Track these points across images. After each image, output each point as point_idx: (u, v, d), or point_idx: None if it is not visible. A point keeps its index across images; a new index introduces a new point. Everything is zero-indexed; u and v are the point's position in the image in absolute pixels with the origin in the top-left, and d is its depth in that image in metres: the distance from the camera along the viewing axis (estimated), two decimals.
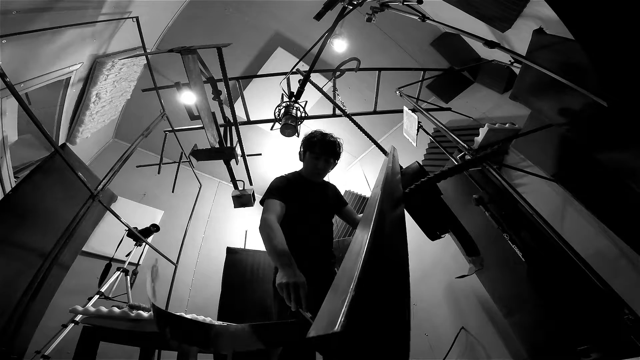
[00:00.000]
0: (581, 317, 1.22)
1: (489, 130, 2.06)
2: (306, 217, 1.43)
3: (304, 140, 1.59)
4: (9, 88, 1.25)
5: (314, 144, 1.53)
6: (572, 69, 1.25)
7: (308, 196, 1.50)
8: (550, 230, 1.26)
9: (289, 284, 0.90)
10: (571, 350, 1.21)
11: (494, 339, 1.98)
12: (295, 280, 0.91)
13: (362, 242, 0.33)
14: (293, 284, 0.90)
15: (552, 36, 1.40)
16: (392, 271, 0.35)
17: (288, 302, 0.89)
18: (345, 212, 1.62)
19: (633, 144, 1.15)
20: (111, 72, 2.40)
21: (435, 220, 0.94)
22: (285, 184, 1.46)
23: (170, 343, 1.30)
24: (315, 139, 1.54)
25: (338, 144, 1.56)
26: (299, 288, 0.89)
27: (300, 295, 0.88)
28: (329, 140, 1.53)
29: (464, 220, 1.92)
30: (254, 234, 3.94)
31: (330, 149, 1.53)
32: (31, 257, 1.46)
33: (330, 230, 1.55)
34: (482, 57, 2.77)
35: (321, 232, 1.47)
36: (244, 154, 2.14)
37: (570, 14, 0.97)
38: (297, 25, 3.05)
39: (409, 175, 0.93)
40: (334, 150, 1.54)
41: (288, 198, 1.39)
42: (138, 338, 1.32)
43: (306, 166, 1.57)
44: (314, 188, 1.55)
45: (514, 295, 1.63)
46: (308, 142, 1.56)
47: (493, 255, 1.72)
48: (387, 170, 0.66)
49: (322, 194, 1.58)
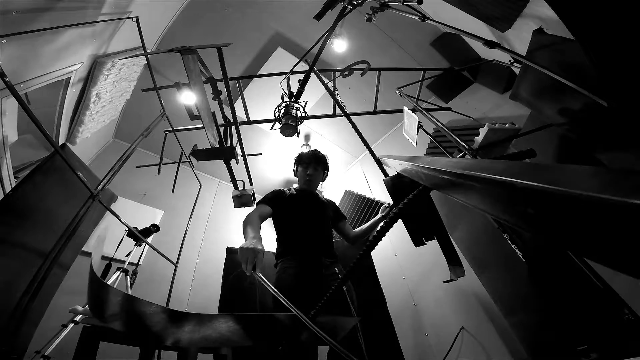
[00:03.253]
0: (581, 317, 1.22)
1: (489, 130, 2.06)
2: (298, 221, 1.61)
3: (295, 158, 1.88)
4: (9, 88, 1.24)
5: (302, 157, 1.84)
6: (572, 69, 1.24)
7: (301, 203, 1.70)
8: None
9: (248, 249, 1.04)
10: (571, 350, 1.21)
11: (494, 339, 1.98)
12: (253, 247, 1.05)
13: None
14: (252, 250, 1.04)
15: (552, 36, 1.40)
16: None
17: (244, 266, 1.01)
18: (341, 226, 1.81)
19: (633, 144, 1.15)
20: (111, 72, 2.40)
21: (423, 228, 0.94)
22: (277, 194, 1.70)
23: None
24: (303, 154, 1.86)
25: (323, 155, 1.86)
26: (255, 253, 1.03)
27: (255, 260, 1.02)
28: (314, 151, 1.85)
29: (464, 220, 1.94)
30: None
31: (316, 158, 1.82)
32: (31, 257, 1.46)
33: (325, 233, 1.65)
34: (482, 57, 2.77)
35: (314, 235, 1.58)
36: (244, 154, 2.14)
37: (570, 14, 0.97)
38: (297, 25, 3.05)
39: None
40: (320, 158, 1.83)
41: (278, 204, 1.61)
42: (138, 338, 1.32)
43: (299, 177, 1.84)
44: (308, 197, 1.76)
45: (514, 295, 1.63)
46: (298, 158, 1.87)
47: (493, 255, 1.72)
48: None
49: (316, 202, 1.76)
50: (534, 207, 0.21)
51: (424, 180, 0.49)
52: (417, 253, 2.64)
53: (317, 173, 1.80)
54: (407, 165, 0.59)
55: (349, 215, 3.55)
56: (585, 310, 1.20)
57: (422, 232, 0.93)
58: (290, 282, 1.39)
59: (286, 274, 1.44)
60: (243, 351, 1.71)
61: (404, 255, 2.91)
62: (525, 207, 0.22)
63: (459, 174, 0.32)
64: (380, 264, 2.38)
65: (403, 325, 2.46)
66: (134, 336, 0.98)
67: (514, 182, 0.22)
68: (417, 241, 0.94)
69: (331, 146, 4.26)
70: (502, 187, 0.23)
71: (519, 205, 0.22)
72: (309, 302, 0.90)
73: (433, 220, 0.94)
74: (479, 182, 0.27)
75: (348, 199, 3.81)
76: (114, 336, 1.31)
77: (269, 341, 0.91)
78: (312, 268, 1.47)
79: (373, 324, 1.90)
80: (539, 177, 0.21)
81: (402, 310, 2.62)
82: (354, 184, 4.05)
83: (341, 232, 1.81)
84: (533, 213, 0.22)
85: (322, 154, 1.86)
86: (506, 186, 0.23)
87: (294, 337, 0.87)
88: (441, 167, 0.38)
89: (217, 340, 0.75)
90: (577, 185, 0.18)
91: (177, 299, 2.73)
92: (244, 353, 1.72)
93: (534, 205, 0.21)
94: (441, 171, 0.38)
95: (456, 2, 1.96)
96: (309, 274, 1.44)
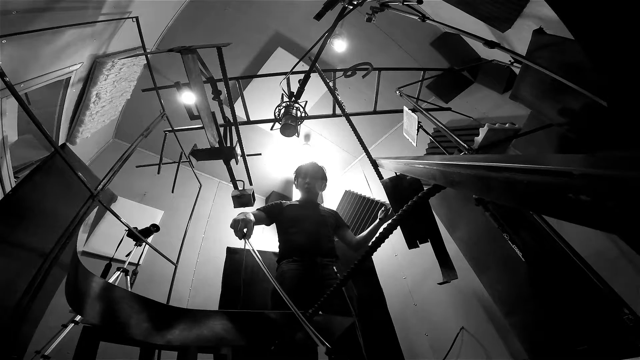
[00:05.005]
0: (581, 317, 1.22)
1: (489, 130, 2.06)
2: (295, 224, 1.68)
3: (295, 172, 2.02)
4: (9, 88, 1.24)
5: (301, 168, 1.98)
6: (572, 69, 1.24)
7: (300, 208, 1.80)
8: (550, 230, 1.26)
9: (242, 219, 1.16)
10: (571, 350, 1.21)
11: (494, 339, 1.98)
12: (244, 218, 1.18)
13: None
14: (243, 220, 1.16)
15: (552, 36, 1.40)
16: None
17: (237, 234, 1.13)
18: (343, 233, 1.85)
19: (633, 144, 1.15)
20: (111, 72, 2.40)
21: (419, 231, 0.95)
22: (276, 204, 1.83)
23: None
24: (302, 166, 2.00)
25: (321, 167, 1.99)
26: (246, 222, 1.16)
27: (246, 228, 1.14)
28: (312, 163, 2.00)
29: (464, 220, 1.93)
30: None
31: (312, 167, 1.96)
32: (31, 257, 1.46)
33: (322, 234, 1.69)
34: (482, 57, 2.77)
35: (310, 236, 1.64)
36: (244, 154, 2.14)
37: (570, 14, 0.97)
38: (297, 25, 3.05)
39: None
40: (317, 167, 1.97)
41: (274, 213, 1.76)
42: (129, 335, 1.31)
43: (300, 188, 1.95)
44: (308, 204, 1.86)
45: (514, 295, 1.63)
46: (297, 170, 2.00)
47: (493, 255, 1.72)
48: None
49: (314, 208, 1.85)
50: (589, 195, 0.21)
51: (438, 179, 0.48)
52: (417, 253, 2.63)
53: (314, 181, 1.91)
54: (417, 164, 0.59)
55: (349, 216, 3.55)
56: (585, 310, 1.20)
57: (417, 235, 0.94)
58: (288, 284, 1.41)
59: (283, 277, 1.48)
60: (243, 351, 1.71)
61: (404, 255, 2.91)
62: (581, 195, 0.21)
63: (500, 168, 0.30)
64: (380, 264, 2.38)
65: (403, 325, 2.45)
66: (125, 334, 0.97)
67: (573, 171, 0.22)
68: (411, 244, 0.95)
69: (331, 146, 4.26)
70: (558, 176, 0.23)
71: (578, 194, 0.22)
72: (305, 302, 0.90)
73: (428, 224, 0.95)
74: (527, 174, 0.27)
75: (348, 199, 3.81)
76: (114, 336, 1.31)
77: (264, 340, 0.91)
78: (308, 268, 1.48)
79: (373, 323, 1.90)
80: (596, 164, 0.21)
81: (402, 310, 2.62)
82: (354, 184, 4.05)
83: (343, 240, 1.85)
84: (589, 200, 0.21)
85: (320, 165, 2.00)
86: (564, 175, 0.23)
87: (288, 335, 0.88)
88: (471, 163, 0.37)
89: (210, 339, 0.75)
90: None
91: (177, 299, 2.73)
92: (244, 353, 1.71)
93: (589, 192, 0.21)
94: (470, 166, 0.37)
95: (456, 2, 1.96)
96: (306, 275, 1.46)
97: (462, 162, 0.40)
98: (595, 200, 0.21)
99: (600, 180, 0.20)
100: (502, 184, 0.31)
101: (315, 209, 1.83)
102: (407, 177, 0.97)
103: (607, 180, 0.20)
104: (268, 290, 1.56)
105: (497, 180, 0.31)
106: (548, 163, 0.25)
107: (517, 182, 0.28)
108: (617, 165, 0.20)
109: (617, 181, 0.19)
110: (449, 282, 0.97)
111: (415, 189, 0.94)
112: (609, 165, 0.20)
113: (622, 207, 0.19)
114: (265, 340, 0.90)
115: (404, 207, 0.64)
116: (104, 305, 0.77)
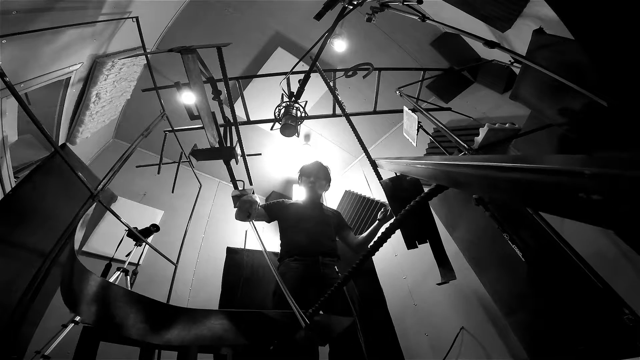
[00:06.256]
0: (581, 317, 1.22)
1: (489, 130, 2.06)
2: (297, 223, 1.69)
3: (299, 170, 2.01)
4: (9, 88, 1.24)
5: (305, 168, 1.98)
6: (572, 69, 1.24)
7: (302, 207, 1.81)
8: (550, 230, 1.26)
9: (247, 200, 1.25)
10: (571, 350, 1.21)
11: (494, 339, 1.98)
12: (249, 199, 1.26)
13: None
14: (249, 200, 1.25)
15: (552, 36, 1.40)
16: None
17: (241, 215, 1.21)
18: (345, 235, 1.86)
19: (633, 144, 1.15)
20: (111, 72, 2.40)
21: (418, 231, 0.95)
22: (278, 201, 1.85)
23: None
24: (306, 165, 1.99)
25: (326, 167, 1.98)
26: (251, 203, 1.25)
27: (250, 209, 1.22)
28: (317, 162, 1.99)
29: (464, 220, 1.93)
30: (255, 234, 3.93)
31: (317, 166, 1.95)
32: (31, 257, 1.46)
33: (324, 233, 1.70)
34: (482, 57, 2.77)
35: (314, 236, 1.65)
36: (244, 154, 2.13)
37: (570, 14, 0.97)
38: (297, 25, 3.05)
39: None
40: (321, 167, 1.96)
41: (275, 211, 1.77)
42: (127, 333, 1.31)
43: (304, 186, 1.94)
44: (311, 202, 1.87)
45: (514, 295, 1.63)
46: (302, 169, 2.00)
47: (493, 255, 1.72)
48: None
49: (317, 207, 1.85)
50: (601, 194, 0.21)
51: (440, 179, 0.48)
52: (417, 253, 2.63)
53: (318, 180, 1.91)
54: (419, 164, 0.58)
55: (349, 216, 3.55)
56: (585, 310, 1.20)
57: (416, 235, 0.94)
58: (289, 282, 1.40)
59: (285, 276, 1.47)
60: (244, 351, 1.71)
61: (404, 255, 2.91)
62: (593, 194, 0.22)
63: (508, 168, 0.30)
64: (380, 264, 2.38)
65: (403, 325, 2.46)
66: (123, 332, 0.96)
67: (584, 170, 0.22)
68: (410, 244, 0.95)
69: (331, 146, 4.26)
70: (569, 176, 0.23)
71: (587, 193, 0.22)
72: (307, 301, 0.90)
73: (427, 224, 0.95)
74: (537, 174, 0.27)
75: (348, 199, 3.81)
76: (114, 336, 1.31)
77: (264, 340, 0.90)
78: (310, 267, 1.48)
79: (373, 323, 1.90)
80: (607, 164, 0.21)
81: (402, 310, 2.62)
82: (354, 184, 4.05)
83: (345, 241, 1.85)
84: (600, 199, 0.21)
85: (325, 165, 1.99)
86: (575, 174, 0.23)
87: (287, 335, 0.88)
88: (478, 163, 0.36)
89: (210, 339, 0.75)
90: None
91: (177, 299, 2.73)
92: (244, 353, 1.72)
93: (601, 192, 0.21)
94: (478, 166, 0.36)
95: (456, 2, 1.96)
96: (307, 273, 1.46)
97: (467, 162, 0.39)
98: (606, 199, 0.21)
99: (612, 180, 0.21)
100: (510, 184, 0.31)
101: (319, 209, 1.84)
102: (407, 178, 0.97)
103: (618, 179, 0.20)
104: (268, 290, 1.56)
105: (505, 180, 0.31)
106: (554, 163, 0.25)
107: (527, 182, 0.28)
108: (627, 166, 0.20)
109: (629, 181, 0.19)
110: (447, 282, 0.97)
111: (415, 189, 0.94)
112: (619, 166, 0.20)
113: (633, 206, 0.20)
114: (265, 340, 0.90)
115: (406, 207, 0.64)
116: (100, 304, 0.76)
